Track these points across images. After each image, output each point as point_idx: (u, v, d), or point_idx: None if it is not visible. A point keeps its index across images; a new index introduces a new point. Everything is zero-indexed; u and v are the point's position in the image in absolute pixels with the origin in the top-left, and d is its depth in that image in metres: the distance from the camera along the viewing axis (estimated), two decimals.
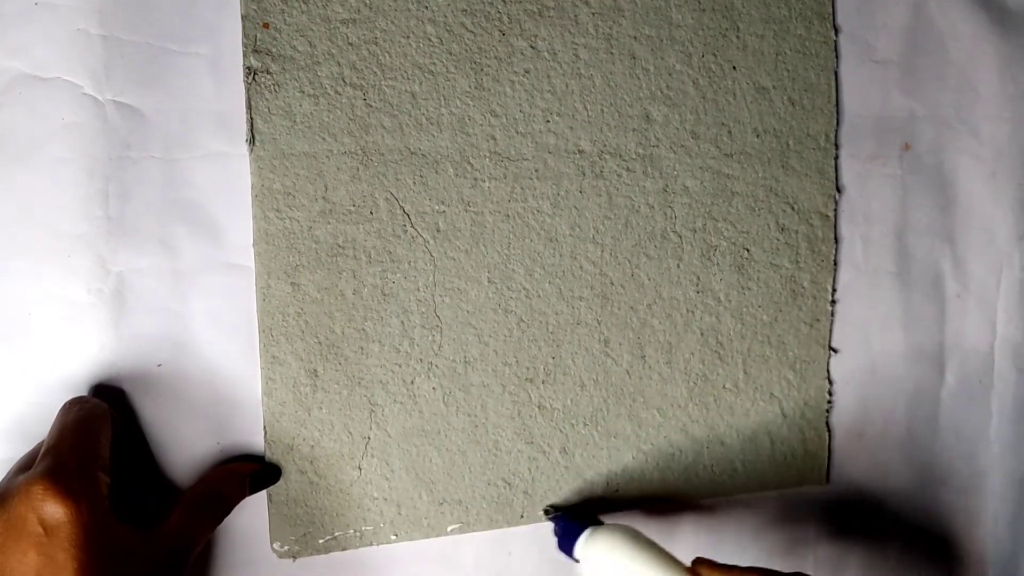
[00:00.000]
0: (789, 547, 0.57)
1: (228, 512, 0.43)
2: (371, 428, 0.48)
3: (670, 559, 0.43)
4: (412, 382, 0.48)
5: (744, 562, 0.53)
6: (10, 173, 0.42)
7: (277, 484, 0.46)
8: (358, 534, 0.48)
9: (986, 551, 0.61)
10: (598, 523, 0.48)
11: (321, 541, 0.47)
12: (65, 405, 0.41)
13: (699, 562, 0.43)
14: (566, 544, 0.47)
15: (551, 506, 0.51)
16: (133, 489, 0.43)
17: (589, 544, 0.46)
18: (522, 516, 0.51)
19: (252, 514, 0.46)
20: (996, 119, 0.58)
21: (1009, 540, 0.62)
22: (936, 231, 0.58)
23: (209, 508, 0.42)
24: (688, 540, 0.55)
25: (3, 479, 0.39)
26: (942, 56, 0.57)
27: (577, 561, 0.46)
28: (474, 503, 0.50)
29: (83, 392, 0.43)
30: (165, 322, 0.44)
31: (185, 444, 0.45)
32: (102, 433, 0.39)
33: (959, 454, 0.60)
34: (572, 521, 0.48)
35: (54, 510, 0.35)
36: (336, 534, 0.48)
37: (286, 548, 0.47)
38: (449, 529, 0.50)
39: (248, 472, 0.45)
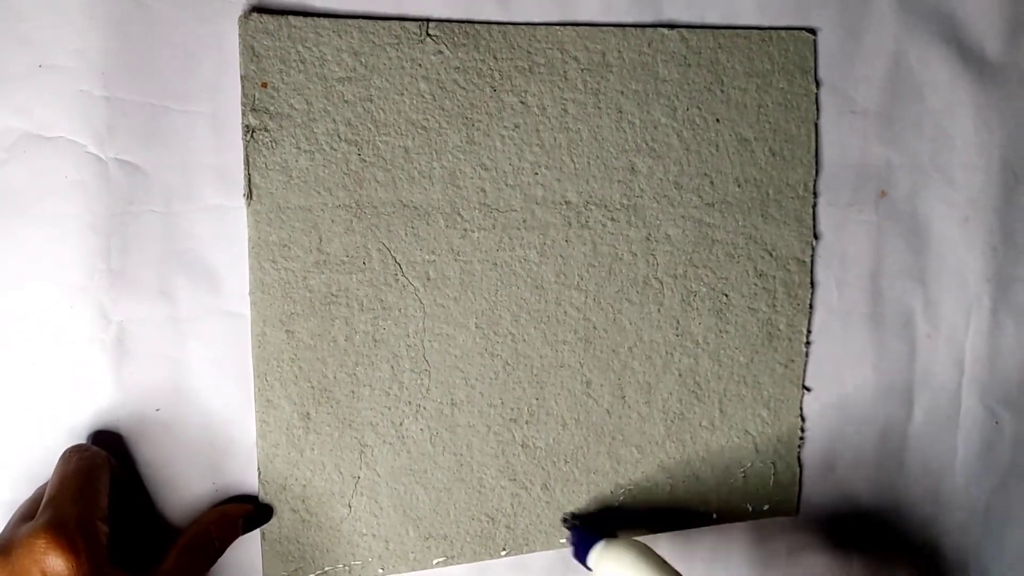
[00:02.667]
0: (760, 575, 0.60)
1: (221, 554, 0.45)
2: (361, 468, 0.50)
3: None
4: (401, 424, 0.50)
5: None
6: (15, 228, 0.43)
7: (270, 522, 0.48)
8: (347, 568, 0.50)
9: None
10: (613, 536, 0.51)
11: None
12: (65, 453, 0.43)
13: None
14: (580, 553, 0.51)
15: (569, 514, 0.54)
16: (131, 531, 0.45)
17: (603, 555, 0.49)
18: (504, 549, 0.53)
19: (246, 550, 0.48)
20: (970, 167, 0.60)
21: (971, 570, 0.64)
22: (909, 274, 0.60)
23: (203, 551, 0.44)
24: None
25: (6, 527, 0.41)
26: (919, 106, 0.59)
27: (590, 569, 0.50)
28: (458, 537, 0.52)
29: (84, 437, 0.45)
30: (164, 369, 0.46)
31: (182, 485, 0.47)
32: (101, 482, 0.41)
33: (925, 487, 0.63)
34: (588, 531, 0.51)
35: (56, 563, 0.37)
36: (326, 569, 0.50)
37: None
38: (434, 563, 0.52)
39: (241, 514, 0.47)
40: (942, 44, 0.59)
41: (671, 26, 0.52)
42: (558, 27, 0.50)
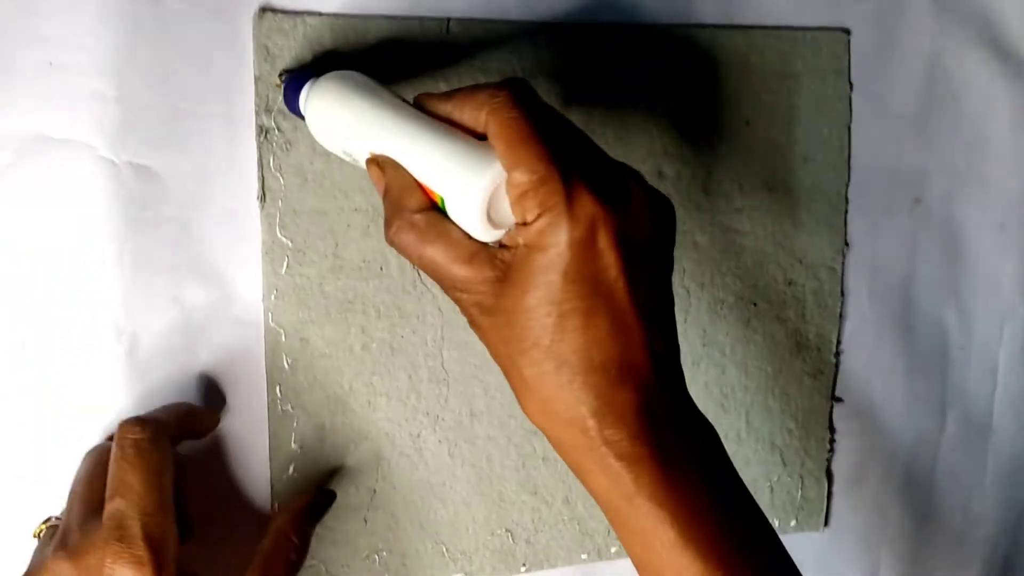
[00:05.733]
0: None
1: (304, 554, 0.43)
2: (377, 481, 0.48)
3: (394, 96, 0.39)
4: (419, 435, 0.49)
5: None
6: (25, 235, 0.41)
7: None
8: None
9: None
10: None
11: None
12: (122, 429, 0.39)
13: (421, 95, 0.39)
14: (292, 101, 0.41)
15: (283, 70, 0.44)
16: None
17: (313, 94, 0.40)
18: (524, 564, 0.52)
19: None
20: (1006, 172, 0.58)
21: None
22: (942, 282, 0.59)
23: (284, 558, 0.42)
24: None
25: (69, 515, 0.39)
26: (955, 110, 0.57)
27: (304, 118, 0.41)
28: (477, 553, 0.51)
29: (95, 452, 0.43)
30: (177, 379, 0.44)
31: (191, 500, 0.45)
32: (166, 477, 0.38)
33: (955, 502, 0.61)
34: (299, 77, 0.41)
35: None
36: None
37: None
38: None
39: (304, 506, 0.45)
40: (979, 45, 0.57)
41: (701, 25, 0.51)
42: (584, 25, 0.49)
